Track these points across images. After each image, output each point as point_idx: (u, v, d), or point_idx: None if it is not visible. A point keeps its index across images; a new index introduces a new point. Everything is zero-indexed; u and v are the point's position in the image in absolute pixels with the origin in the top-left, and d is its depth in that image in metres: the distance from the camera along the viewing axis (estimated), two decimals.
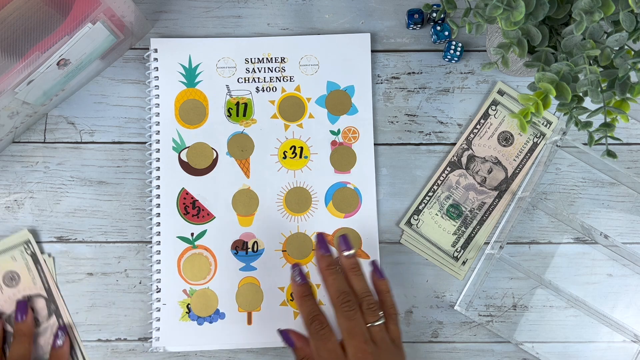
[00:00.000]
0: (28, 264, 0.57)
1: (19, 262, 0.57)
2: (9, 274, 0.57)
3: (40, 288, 0.58)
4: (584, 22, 0.45)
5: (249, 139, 0.64)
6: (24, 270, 0.57)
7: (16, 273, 0.57)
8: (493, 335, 0.63)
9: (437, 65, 0.65)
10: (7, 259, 0.57)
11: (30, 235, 0.58)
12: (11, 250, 0.57)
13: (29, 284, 0.58)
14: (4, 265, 0.57)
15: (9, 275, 0.57)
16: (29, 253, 0.57)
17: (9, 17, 0.52)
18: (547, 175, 0.64)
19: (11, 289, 0.57)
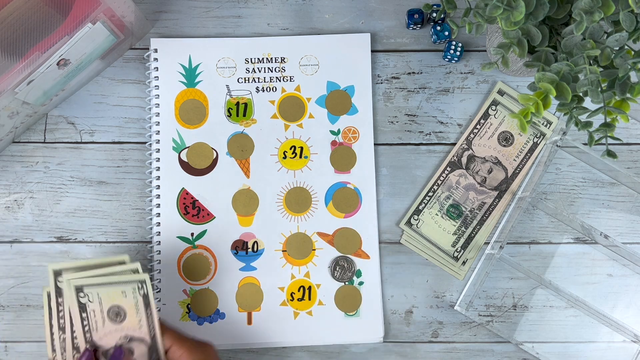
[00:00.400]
0: (137, 305, 0.51)
1: (128, 300, 0.51)
2: (116, 308, 0.51)
3: (145, 333, 0.52)
4: (584, 22, 0.45)
5: (249, 139, 0.64)
6: (132, 310, 0.51)
7: (123, 310, 0.51)
8: (493, 335, 0.63)
9: (437, 65, 0.65)
10: (118, 292, 0.50)
11: (147, 277, 0.51)
12: (123, 285, 0.50)
13: (134, 325, 0.51)
14: (112, 298, 0.51)
15: (115, 310, 0.51)
16: (141, 294, 0.51)
17: (9, 17, 0.52)
18: (547, 175, 0.64)
19: (114, 325, 0.51)
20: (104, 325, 0.50)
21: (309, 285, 0.62)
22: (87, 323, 0.50)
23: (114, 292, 0.50)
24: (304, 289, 0.62)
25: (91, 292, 0.49)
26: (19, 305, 0.62)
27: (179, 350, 0.51)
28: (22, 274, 0.62)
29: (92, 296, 0.49)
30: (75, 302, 0.49)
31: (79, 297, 0.49)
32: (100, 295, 0.50)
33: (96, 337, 0.51)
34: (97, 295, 0.50)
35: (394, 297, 0.63)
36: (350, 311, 0.62)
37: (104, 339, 0.51)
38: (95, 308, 0.50)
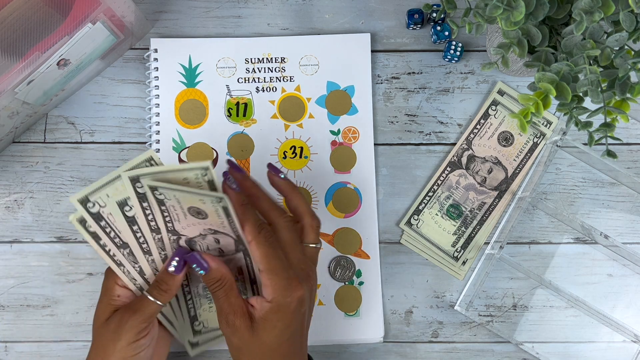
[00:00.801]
0: (218, 212, 0.45)
1: (207, 206, 0.45)
2: (196, 208, 0.46)
3: (229, 231, 0.47)
4: (584, 22, 0.45)
5: (249, 139, 0.64)
6: (212, 214, 0.46)
7: (204, 211, 0.46)
8: (493, 335, 0.63)
9: (437, 65, 0.65)
10: (195, 199, 0.45)
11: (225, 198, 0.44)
12: (201, 196, 0.44)
13: (216, 223, 0.47)
14: (190, 201, 0.45)
15: (195, 209, 0.46)
16: (220, 205, 0.45)
17: (9, 17, 0.52)
18: (547, 175, 0.64)
19: (196, 219, 0.47)
20: (186, 218, 0.47)
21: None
22: (167, 215, 0.47)
23: (191, 197, 0.45)
24: None
25: (167, 193, 0.45)
26: (19, 305, 0.62)
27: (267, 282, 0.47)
28: (22, 274, 0.62)
29: (168, 195, 0.45)
30: (153, 198, 0.45)
31: (155, 194, 0.45)
32: (177, 196, 0.45)
33: (178, 227, 0.48)
34: (173, 196, 0.45)
35: (394, 297, 0.63)
36: (350, 311, 0.62)
37: (186, 229, 0.48)
38: (174, 204, 0.46)
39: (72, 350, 0.61)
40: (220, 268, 0.48)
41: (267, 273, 0.47)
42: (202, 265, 0.48)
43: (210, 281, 0.48)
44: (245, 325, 0.47)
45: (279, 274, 0.47)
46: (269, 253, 0.47)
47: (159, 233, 0.48)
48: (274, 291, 0.47)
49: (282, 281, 0.47)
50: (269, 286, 0.47)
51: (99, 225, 0.46)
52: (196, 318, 0.55)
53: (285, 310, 0.47)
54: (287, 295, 0.47)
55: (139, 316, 0.47)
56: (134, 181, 0.45)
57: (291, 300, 0.47)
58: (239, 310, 0.47)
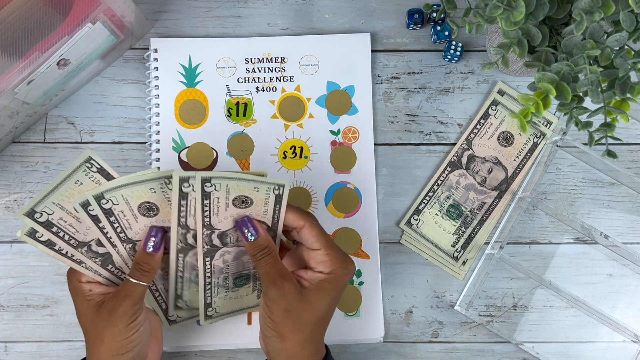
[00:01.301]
0: (268, 200, 0.49)
1: (260, 194, 0.48)
2: (243, 197, 0.48)
3: (267, 219, 0.50)
4: (584, 22, 0.45)
5: (249, 139, 0.64)
6: (260, 202, 0.48)
7: (251, 199, 0.48)
8: (493, 335, 0.63)
9: (437, 65, 0.65)
10: (250, 187, 0.48)
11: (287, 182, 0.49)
12: (258, 184, 0.48)
13: (257, 211, 0.50)
14: (242, 189, 0.48)
15: (242, 198, 0.48)
16: (275, 193, 0.49)
17: (9, 17, 0.52)
18: (547, 175, 0.64)
19: (237, 209, 0.49)
20: (227, 210, 0.49)
21: None
22: (207, 209, 0.48)
23: (245, 185, 0.47)
24: None
25: (219, 182, 0.47)
26: (19, 305, 0.62)
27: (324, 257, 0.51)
28: (22, 274, 0.62)
29: (219, 186, 0.47)
30: (200, 191, 0.47)
31: (204, 186, 0.46)
32: (229, 186, 0.47)
33: (215, 221, 0.49)
34: (225, 185, 0.47)
35: (394, 297, 0.63)
36: (350, 311, 0.62)
37: (222, 222, 0.50)
38: (220, 196, 0.47)
39: (72, 350, 0.61)
40: (267, 236, 0.51)
41: (326, 249, 0.51)
42: (252, 231, 0.50)
43: (257, 248, 0.50)
44: (295, 289, 0.49)
45: (336, 249, 0.51)
46: (323, 232, 0.51)
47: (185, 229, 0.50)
48: (333, 264, 0.50)
49: (340, 255, 0.51)
50: (327, 261, 0.50)
51: (51, 231, 0.48)
52: (180, 297, 0.56)
53: (341, 281, 0.51)
54: (345, 267, 0.51)
55: (128, 301, 0.49)
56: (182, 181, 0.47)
57: (348, 272, 0.51)
58: (287, 274, 0.50)
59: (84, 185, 0.48)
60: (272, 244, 0.51)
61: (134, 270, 0.50)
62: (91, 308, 0.50)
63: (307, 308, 0.50)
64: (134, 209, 0.48)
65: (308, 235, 0.51)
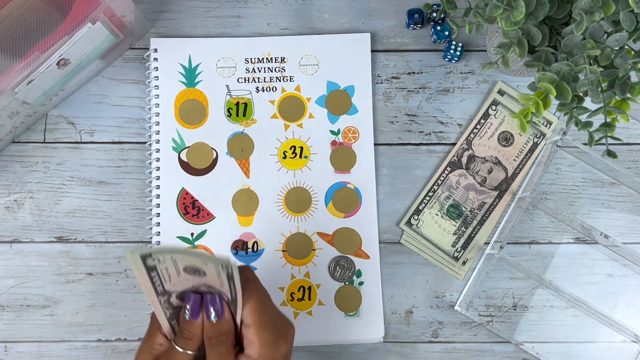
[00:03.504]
0: (220, 275, 0.43)
1: (209, 268, 0.43)
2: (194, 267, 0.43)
3: (226, 291, 0.45)
4: (584, 22, 0.44)
5: (249, 139, 0.63)
6: (212, 275, 0.44)
7: (203, 270, 0.43)
8: (493, 335, 0.63)
9: (437, 65, 0.65)
10: (198, 261, 0.43)
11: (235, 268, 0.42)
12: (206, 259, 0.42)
13: (214, 281, 0.44)
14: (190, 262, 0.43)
15: (193, 268, 0.43)
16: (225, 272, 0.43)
17: (8, 17, 0.52)
18: (547, 175, 0.64)
19: (191, 276, 0.44)
20: (179, 276, 0.44)
21: (309, 285, 0.62)
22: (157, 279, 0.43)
23: (192, 260, 0.42)
24: (304, 289, 0.62)
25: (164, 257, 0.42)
26: (18, 305, 0.62)
27: (254, 337, 0.45)
28: (21, 274, 0.62)
29: (163, 258, 0.42)
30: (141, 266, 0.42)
31: (146, 262, 0.42)
32: (175, 258, 0.42)
33: (168, 286, 0.44)
34: (170, 258, 0.42)
35: (394, 297, 0.63)
36: (350, 311, 0.62)
37: (177, 285, 0.45)
38: (168, 266, 0.43)
39: (72, 350, 0.61)
40: (231, 322, 0.46)
41: (256, 328, 0.45)
42: (218, 311, 0.45)
43: (217, 332, 0.45)
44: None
45: (269, 328, 0.45)
46: (260, 308, 0.45)
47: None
48: (260, 346, 0.45)
49: (272, 336, 0.45)
50: (255, 342, 0.45)
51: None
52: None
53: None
54: (275, 351, 0.46)
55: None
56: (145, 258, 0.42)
57: (277, 357, 0.46)
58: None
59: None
60: (231, 332, 0.46)
61: (179, 338, 0.46)
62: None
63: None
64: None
65: (245, 307, 0.45)
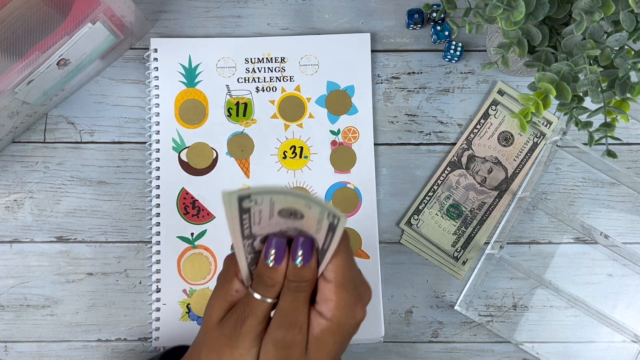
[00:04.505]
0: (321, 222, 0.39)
1: (312, 212, 0.38)
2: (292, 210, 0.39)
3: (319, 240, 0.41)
4: (584, 22, 0.44)
5: (249, 139, 0.63)
6: (312, 219, 0.39)
7: (301, 213, 0.39)
8: (493, 335, 0.63)
9: (437, 65, 0.65)
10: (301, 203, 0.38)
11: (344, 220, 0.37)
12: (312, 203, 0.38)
13: (310, 225, 0.40)
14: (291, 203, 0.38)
15: (290, 210, 0.39)
16: (329, 220, 0.38)
17: (8, 17, 0.52)
18: (547, 175, 0.64)
19: (284, 219, 0.40)
20: (271, 219, 0.40)
21: None
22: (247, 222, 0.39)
23: (295, 200, 0.38)
24: None
25: (262, 198, 0.38)
26: (18, 305, 0.62)
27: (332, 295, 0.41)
28: (21, 274, 0.62)
29: (260, 199, 0.38)
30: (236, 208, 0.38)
31: (242, 204, 0.38)
32: (274, 200, 0.38)
33: (256, 229, 0.40)
34: (269, 200, 0.38)
35: (394, 297, 0.63)
36: None
37: (265, 229, 0.41)
38: (263, 208, 0.39)
39: (72, 350, 0.61)
40: (316, 268, 0.42)
41: (337, 286, 0.41)
42: (307, 256, 0.41)
43: (300, 278, 0.41)
44: (303, 343, 0.41)
45: (349, 290, 0.41)
46: (347, 265, 0.41)
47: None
48: (337, 307, 0.41)
49: (351, 299, 0.41)
50: (332, 301, 0.41)
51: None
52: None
53: (342, 333, 0.42)
54: (350, 316, 0.41)
55: (252, 319, 0.41)
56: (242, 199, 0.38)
57: (352, 322, 0.42)
58: (305, 323, 0.42)
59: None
60: (314, 281, 0.42)
61: (258, 284, 0.41)
62: (221, 311, 0.42)
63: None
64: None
65: (331, 263, 0.41)
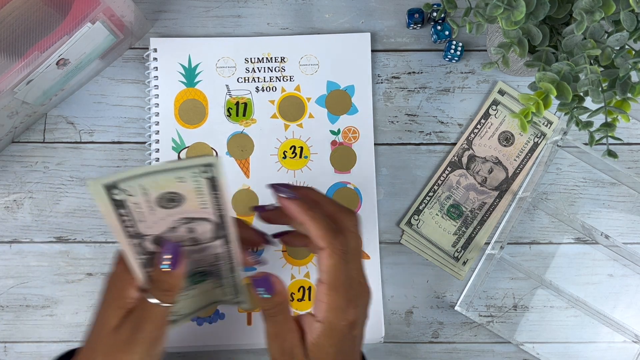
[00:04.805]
0: (200, 189, 0.39)
1: (187, 185, 0.39)
2: (168, 195, 0.39)
3: (210, 213, 0.41)
4: (585, 21, 0.44)
5: (249, 139, 0.63)
6: (191, 194, 0.39)
7: (180, 195, 0.39)
8: (494, 335, 0.62)
9: (438, 65, 0.65)
10: (171, 179, 0.38)
11: (217, 161, 0.38)
12: (179, 171, 0.38)
13: (194, 207, 0.41)
14: (162, 186, 0.38)
15: (167, 197, 0.39)
16: (204, 177, 0.38)
17: (8, 17, 0.52)
18: (547, 175, 0.64)
19: (167, 210, 0.40)
20: (154, 213, 0.40)
21: (309, 285, 0.62)
22: (128, 218, 0.39)
23: (165, 179, 0.38)
24: (303, 290, 0.62)
25: (131, 186, 0.37)
26: (18, 306, 0.62)
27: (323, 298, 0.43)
28: (21, 274, 0.62)
29: (131, 189, 0.38)
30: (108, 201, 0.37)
31: (111, 194, 0.37)
32: (144, 185, 0.38)
33: (142, 228, 0.40)
34: (139, 187, 0.38)
35: (394, 297, 0.63)
36: None
37: (152, 227, 0.41)
38: (138, 200, 0.39)
39: None
40: (284, 290, 0.44)
41: (329, 288, 0.42)
42: (270, 289, 0.44)
43: (271, 304, 0.44)
44: (302, 354, 0.43)
45: (339, 292, 0.43)
46: (339, 267, 0.42)
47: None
48: (328, 309, 0.42)
49: (340, 301, 0.43)
50: (324, 303, 0.42)
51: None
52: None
53: (336, 335, 0.43)
54: (341, 317, 0.43)
55: (150, 324, 0.42)
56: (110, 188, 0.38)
57: (344, 324, 0.43)
58: (295, 336, 0.44)
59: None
60: (286, 301, 0.44)
61: (155, 290, 0.42)
62: (117, 318, 0.42)
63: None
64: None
65: (321, 263, 0.43)
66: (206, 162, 0.37)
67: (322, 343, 0.43)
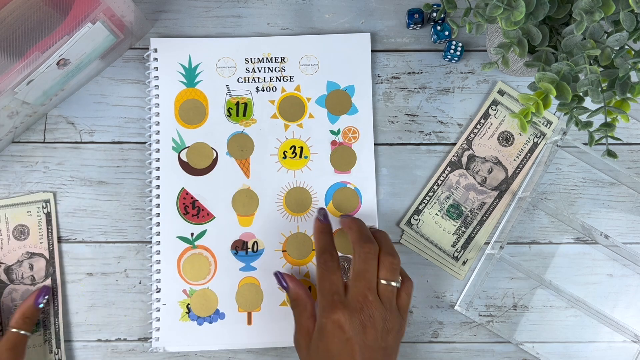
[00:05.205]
0: (40, 222, 0.57)
1: (32, 218, 0.58)
2: (20, 227, 0.58)
3: (44, 249, 0.58)
4: (585, 21, 0.44)
5: (249, 139, 0.63)
6: (34, 227, 0.58)
7: (27, 227, 0.58)
8: (493, 335, 0.62)
9: (437, 65, 0.65)
10: (23, 212, 0.57)
11: (51, 196, 0.59)
12: (29, 205, 0.58)
13: (35, 242, 0.58)
14: (17, 218, 0.57)
15: (19, 228, 0.58)
16: (44, 212, 0.58)
17: (8, 17, 0.52)
18: (547, 175, 0.64)
19: (18, 242, 0.57)
20: (9, 244, 0.57)
21: (309, 285, 0.62)
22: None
23: (19, 212, 0.56)
24: None
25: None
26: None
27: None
28: None
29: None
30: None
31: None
32: (7, 215, 0.56)
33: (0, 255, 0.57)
34: (4, 215, 0.56)
35: None
36: None
37: (8, 257, 0.57)
38: (2, 227, 0.56)
39: (72, 351, 0.61)
40: (296, 289, 0.56)
41: (318, 293, 0.53)
42: (282, 284, 0.58)
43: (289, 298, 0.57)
44: (306, 345, 0.52)
45: (324, 295, 0.52)
46: (322, 275, 0.53)
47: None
48: (317, 310, 0.52)
49: (325, 302, 0.51)
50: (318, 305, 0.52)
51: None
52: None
53: (322, 332, 0.51)
54: (325, 315, 0.51)
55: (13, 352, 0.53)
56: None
57: (326, 322, 0.50)
58: (305, 330, 0.53)
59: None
60: (300, 297, 0.55)
61: (20, 321, 0.54)
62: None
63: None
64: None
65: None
66: (44, 198, 0.57)
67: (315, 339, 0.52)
